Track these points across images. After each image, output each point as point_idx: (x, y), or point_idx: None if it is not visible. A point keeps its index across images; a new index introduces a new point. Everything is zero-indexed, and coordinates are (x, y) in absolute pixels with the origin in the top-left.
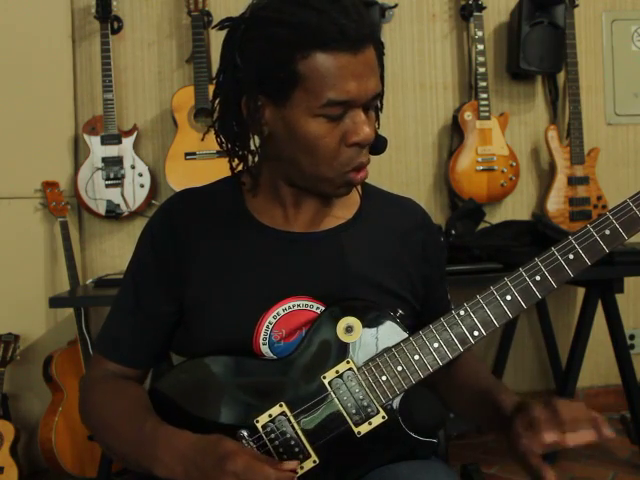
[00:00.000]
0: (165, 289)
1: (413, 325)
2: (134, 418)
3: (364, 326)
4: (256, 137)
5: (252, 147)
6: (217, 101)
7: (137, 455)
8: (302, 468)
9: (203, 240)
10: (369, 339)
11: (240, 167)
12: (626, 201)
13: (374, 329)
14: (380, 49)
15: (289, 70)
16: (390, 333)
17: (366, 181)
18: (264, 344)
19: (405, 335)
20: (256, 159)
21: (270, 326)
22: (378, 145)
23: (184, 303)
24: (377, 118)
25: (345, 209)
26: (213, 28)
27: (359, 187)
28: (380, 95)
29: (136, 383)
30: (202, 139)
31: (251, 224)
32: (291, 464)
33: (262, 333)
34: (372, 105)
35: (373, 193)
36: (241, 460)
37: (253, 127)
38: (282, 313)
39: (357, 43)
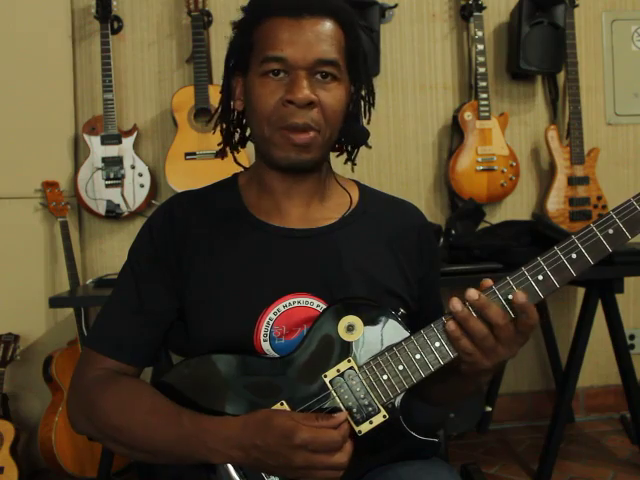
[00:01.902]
0: (166, 287)
1: (410, 325)
2: (165, 413)
3: (366, 325)
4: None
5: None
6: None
7: (181, 449)
8: None
9: (202, 239)
10: (371, 338)
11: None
12: (630, 200)
13: (376, 328)
14: (347, 26)
15: (247, 39)
16: (391, 332)
17: (364, 183)
18: (265, 340)
19: (406, 334)
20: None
21: (271, 322)
22: (356, 135)
23: (184, 302)
24: (368, 112)
25: (342, 207)
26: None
27: (356, 187)
28: (332, 63)
29: (142, 379)
30: (208, 121)
31: (249, 221)
32: (340, 417)
33: (263, 329)
34: (323, 72)
35: (370, 194)
36: (306, 431)
37: (234, 104)
38: (282, 310)
39: (295, 10)
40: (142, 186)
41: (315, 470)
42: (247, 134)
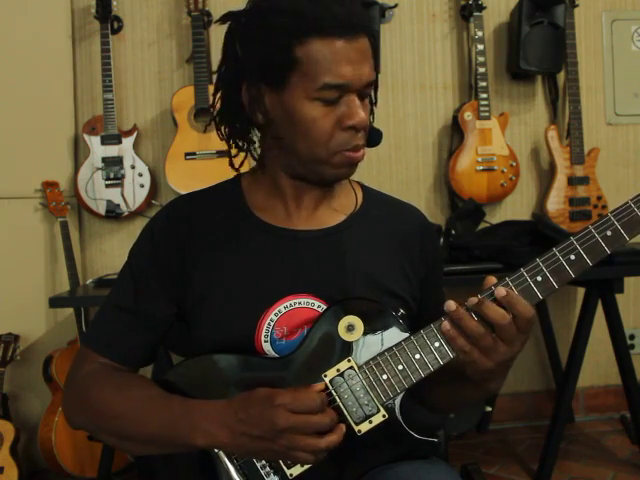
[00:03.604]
0: (165, 290)
1: (410, 326)
2: (157, 399)
3: (366, 325)
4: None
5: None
6: (218, 95)
7: (169, 432)
8: (303, 466)
9: (204, 239)
10: (371, 338)
11: (241, 161)
12: (628, 202)
13: (376, 328)
14: (374, 40)
15: (287, 55)
16: (391, 332)
17: (367, 184)
18: (266, 341)
19: (406, 334)
20: (257, 147)
21: (272, 323)
22: (373, 137)
23: (185, 303)
24: (372, 112)
25: (346, 209)
26: (215, 23)
27: (360, 189)
28: (374, 85)
29: (137, 373)
30: (204, 131)
31: (252, 222)
32: (318, 385)
33: (264, 330)
34: (366, 93)
35: (374, 196)
36: (285, 393)
37: (254, 114)
38: (283, 311)
39: (350, 30)
40: (142, 186)
41: (299, 435)
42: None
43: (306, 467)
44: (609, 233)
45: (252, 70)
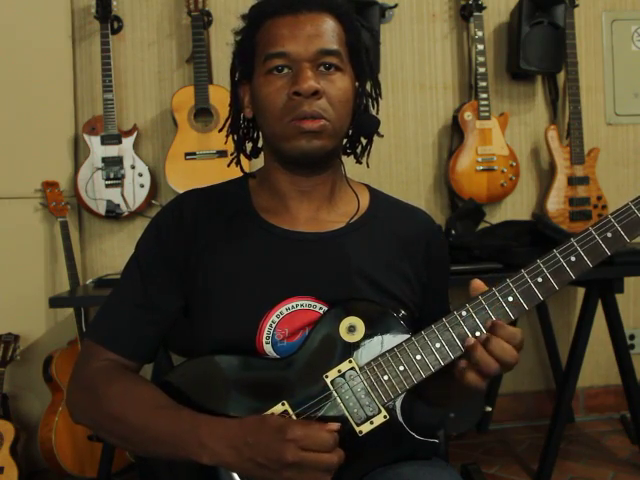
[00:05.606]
0: (173, 283)
1: (411, 329)
2: (166, 409)
3: (367, 326)
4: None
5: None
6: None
7: (175, 444)
8: None
9: (209, 238)
10: (372, 339)
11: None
12: (628, 204)
13: (377, 329)
14: (346, 21)
15: (250, 45)
16: (392, 333)
17: (374, 187)
18: (267, 343)
19: (407, 335)
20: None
21: (273, 325)
22: (365, 123)
23: (189, 301)
24: (362, 94)
25: (351, 211)
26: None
27: (367, 191)
28: (333, 53)
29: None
30: (221, 129)
31: (257, 223)
32: (334, 425)
33: (265, 332)
34: (324, 64)
35: (381, 198)
36: (298, 428)
37: (244, 111)
38: (285, 312)
39: (295, 7)
40: (142, 186)
41: (305, 469)
42: (259, 145)
43: None
44: (609, 235)
45: (236, 72)
